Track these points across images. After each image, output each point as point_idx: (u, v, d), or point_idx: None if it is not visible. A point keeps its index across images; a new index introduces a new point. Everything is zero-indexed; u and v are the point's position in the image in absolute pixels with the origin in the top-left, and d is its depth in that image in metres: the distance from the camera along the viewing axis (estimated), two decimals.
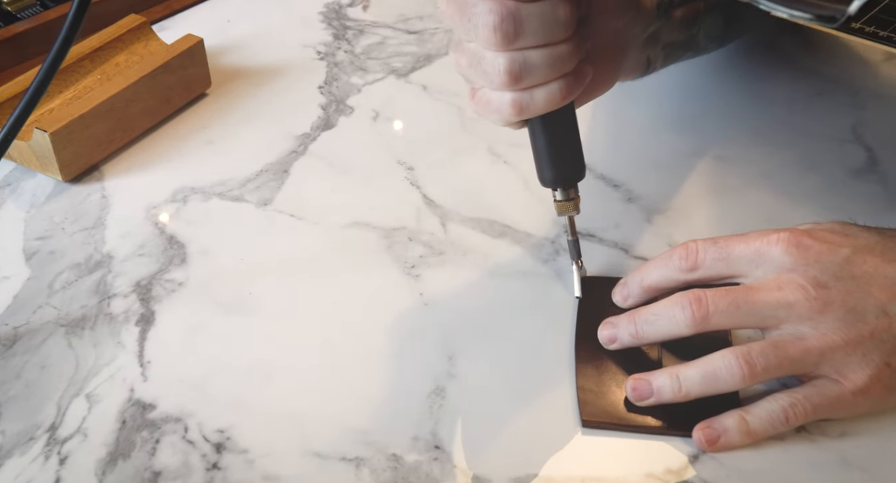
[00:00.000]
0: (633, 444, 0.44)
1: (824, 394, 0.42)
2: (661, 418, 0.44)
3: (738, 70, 0.70)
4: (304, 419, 0.46)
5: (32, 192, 0.60)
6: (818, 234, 0.44)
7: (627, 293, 0.49)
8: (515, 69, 0.41)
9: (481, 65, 0.42)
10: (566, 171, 0.47)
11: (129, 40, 0.68)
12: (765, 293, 0.43)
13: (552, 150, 0.46)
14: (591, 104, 0.51)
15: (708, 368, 0.43)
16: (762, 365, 0.42)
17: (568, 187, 0.48)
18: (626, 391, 0.45)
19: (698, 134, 0.64)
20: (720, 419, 0.43)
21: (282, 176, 0.61)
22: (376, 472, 0.43)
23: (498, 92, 0.43)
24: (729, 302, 0.43)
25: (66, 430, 0.45)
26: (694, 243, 0.46)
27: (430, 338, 0.50)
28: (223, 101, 0.68)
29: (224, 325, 0.51)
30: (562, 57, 0.42)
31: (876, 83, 0.69)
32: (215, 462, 0.44)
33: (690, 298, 0.44)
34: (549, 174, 0.47)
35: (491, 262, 0.54)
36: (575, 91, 0.44)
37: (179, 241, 0.56)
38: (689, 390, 0.43)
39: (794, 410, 0.42)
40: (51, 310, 0.51)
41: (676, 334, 0.44)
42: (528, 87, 0.43)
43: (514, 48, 0.41)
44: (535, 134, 0.46)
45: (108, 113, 0.60)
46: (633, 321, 0.46)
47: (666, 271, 0.47)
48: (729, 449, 0.43)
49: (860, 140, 0.63)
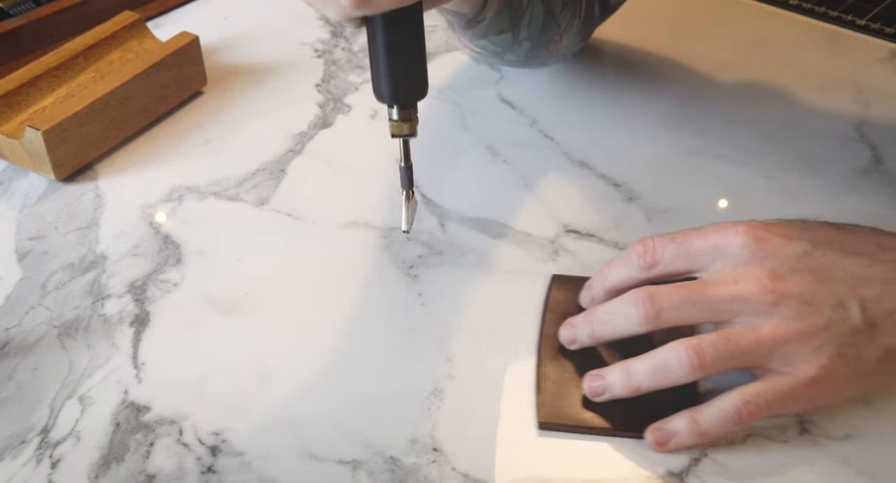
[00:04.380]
0: (633, 445, 0.44)
1: (776, 388, 0.42)
2: (616, 420, 0.44)
3: (739, 69, 0.70)
4: (301, 421, 0.45)
5: (25, 191, 0.59)
6: (776, 228, 0.44)
7: (593, 295, 0.48)
8: None
9: None
10: (406, 87, 0.42)
11: (124, 37, 0.67)
12: (719, 287, 0.43)
13: (393, 61, 0.41)
14: (592, 104, 0.50)
15: (657, 361, 0.43)
16: (712, 356, 0.41)
17: (407, 106, 0.43)
18: (584, 388, 0.45)
19: (699, 133, 0.63)
20: (671, 421, 0.43)
21: (279, 175, 0.61)
22: (374, 474, 0.42)
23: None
24: (682, 298, 0.43)
25: (59, 432, 0.45)
26: (651, 240, 0.46)
27: (429, 338, 0.49)
28: (219, 99, 0.67)
29: (220, 326, 0.50)
30: None
31: (881, 80, 0.68)
32: (210, 465, 0.43)
33: (643, 296, 0.43)
34: (388, 89, 0.42)
35: (490, 262, 0.54)
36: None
37: (175, 242, 0.56)
38: (639, 383, 0.43)
39: (747, 408, 0.42)
40: (44, 311, 0.51)
41: (631, 332, 0.44)
42: None
43: None
44: (375, 38, 0.41)
45: (102, 111, 0.60)
46: (590, 321, 0.46)
47: (626, 270, 0.46)
48: (680, 450, 0.43)
49: (865, 138, 0.62)
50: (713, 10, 0.77)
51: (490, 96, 0.67)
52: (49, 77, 0.63)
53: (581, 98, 0.67)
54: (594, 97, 0.67)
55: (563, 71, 0.69)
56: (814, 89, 0.67)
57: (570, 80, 0.69)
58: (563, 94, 0.67)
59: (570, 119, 0.65)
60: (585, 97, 0.67)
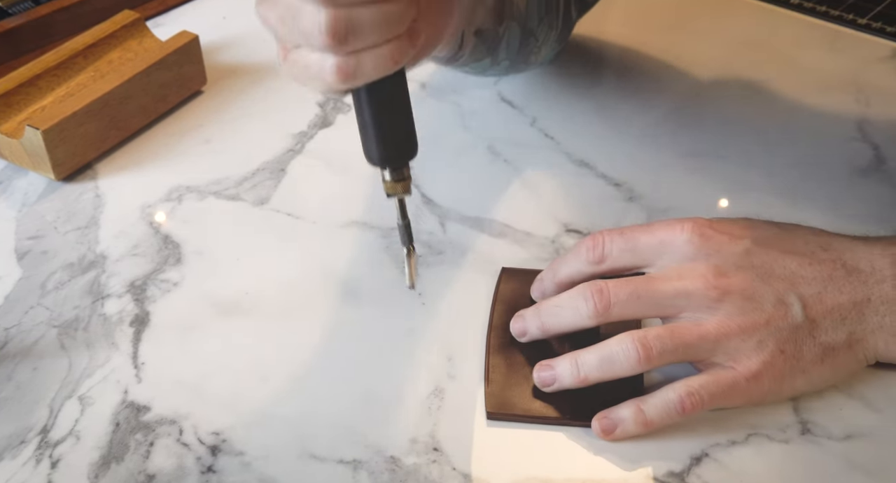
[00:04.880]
0: (634, 446, 0.44)
1: (719, 382, 0.43)
2: (564, 408, 0.45)
3: (739, 68, 0.70)
4: (301, 421, 0.45)
5: (24, 190, 0.59)
6: (720, 226, 0.45)
7: (543, 289, 0.49)
8: (340, 29, 0.35)
9: (298, 20, 0.36)
10: (397, 149, 0.41)
11: (124, 37, 0.67)
12: (665, 282, 0.44)
13: (381, 125, 0.40)
14: (592, 104, 0.50)
15: (605, 352, 0.43)
16: (658, 349, 0.42)
17: (399, 167, 0.42)
18: (534, 377, 0.45)
19: (700, 133, 0.63)
20: (617, 409, 0.44)
21: (279, 175, 0.60)
22: (374, 474, 0.42)
23: (318, 54, 0.37)
24: (629, 292, 0.44)
25: (59, 432, 0.45)
26: (601, 235, 0.47)
27: (429, 338, 0.49)
28: (219, 98, 0.67)
29: (220, 325, 0.50)
30: (394, 16, 0.36)
31: (882, 80, 0.68)
32: (210, 465, 0.43)
33: (592, 290, 0.44)
34: (378, 153, 0.41)
35: (490, 262, 0.53)
36: (407, 55, 0.38)
37: (174, 241, 0.55)
38: (587, 374, 0.44)
39: (690, 399, 0.42)
40: (43, 310, 0.51)
41: (580, 325, 0.45)
42: (355, 50, 0.37)
43: (339, 3, 0.35)
44: (361, 105, 0.40)
45: (101, 111, 0.59)
46: (539, 314, 0.47)
47: (576, 265, 0.47)
48: (626, 438, 0.43)
49: (866, 138, 0.62)
50: (714, 9, 0.77)
51: (490, 96, 0.67)
52: (48, 76, 0.63)
53: (581, 97, 0.67)
54: (595, 96, 0.67)
55: (564, 70, 0.69)
56: (814, 89, 0.67)
57: (570, 79, 0.69)
58: (563, 94, 0.67)
59: (570, 118, 0.65)
60: (586, 96, 0.67)
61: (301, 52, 0.38)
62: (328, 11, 0.35)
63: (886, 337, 0.44)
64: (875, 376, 0.46)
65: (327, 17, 0.35)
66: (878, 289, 0.44)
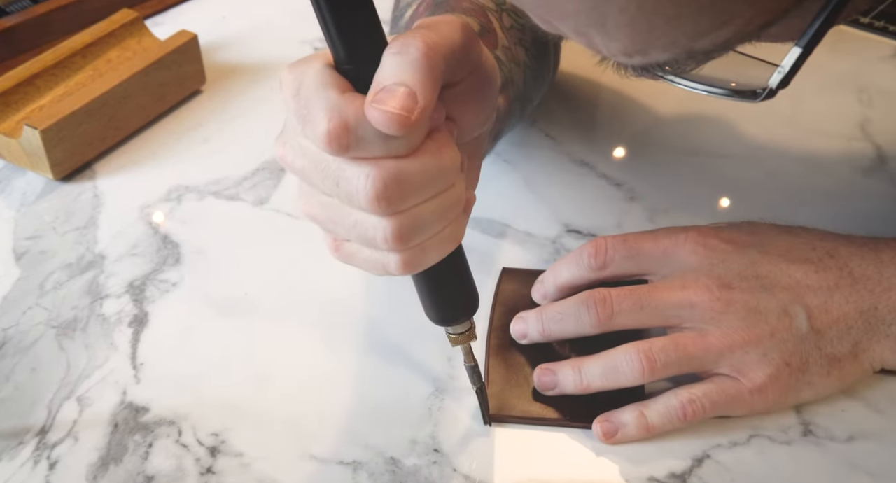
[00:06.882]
0: (635, 447, 0.43)
1: (723, 391, 0.43)
2: (563, 410, 0.45)
3: None
4: (301, 422, 0.45)
5: (23, 190, 0.59)
6: (725, 234, 0.45)
7: (544, 292, 0.49)
8: (406, 232, 0.34)
9: (357, 228, 0.34)
10: (456, 312, 0.41)
11: (122, 36, 0.67)
12: (669, 293, 0.44)
13: (441, 293, 0.40)
14: (593, 103, 0.50)
15: (609, 363, 0.43)
16: (662, 361, 0.42)
17: (462, 322, 0.41)
18: (534, 380, 0.45)
19: (701, 133, 0.63)
20: (619, 413, 0.43)
21: (278, 174, 0.60)
22: (374, 475, 0.42)
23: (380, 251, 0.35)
24: (633, 302, 0.44)
25: (57, 433, 0.44)
26: (603, 241, 0.46)
27: (429, 339, 0.49)
28: (218, 98, 0.67)
29: (219, 326, 0.50)
30: (452, 202, 0.35)
31: (884, 79, 0.68)
32: (210, 466, 0.43)
33: (596, 298, 0.44)
34: (442, 314, 0.41)
35: (491, 262, 0.53)
36: (464, 229, 0.37)
37: (173, 241, 0.55)
38: (590, 383, 0.44)
39: (692, 407, 0.42)
40: (41, 311, 0.51)
41: (582, 333, 0.45)
42: (419, 243, 0.35)
43: (401, 211, 0.33)
44: (420, 279, 0.39)
45: (100, 110, 0.59)
46: (541, 319, 0.46)
47: (577, 270, 0.47)
48: (627, 442, 0.43)
49: (868, 137, 0.62)
50: None
51: None
52: (47, 75, 0.63)
53: (582, 97, 0.67)
54: (595, 96, 0.67)
55: (564, 70, 0.69)
56: (816, 88, 0.67)
57: (570, 79, 0.68)
58: (564, 94, 0.67)
59: (571, 118, 0.64)
60: (586, 96, 0.67)
61: (355, 245, 0.36)
62: (392, 219, 0.33)
63: (893, 345, 0.43)
64: (878, 378, 0.45)
65: (392, 224, 0.33)
66: (886, 297, 0.43)
